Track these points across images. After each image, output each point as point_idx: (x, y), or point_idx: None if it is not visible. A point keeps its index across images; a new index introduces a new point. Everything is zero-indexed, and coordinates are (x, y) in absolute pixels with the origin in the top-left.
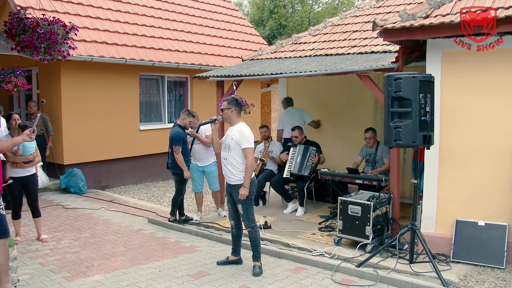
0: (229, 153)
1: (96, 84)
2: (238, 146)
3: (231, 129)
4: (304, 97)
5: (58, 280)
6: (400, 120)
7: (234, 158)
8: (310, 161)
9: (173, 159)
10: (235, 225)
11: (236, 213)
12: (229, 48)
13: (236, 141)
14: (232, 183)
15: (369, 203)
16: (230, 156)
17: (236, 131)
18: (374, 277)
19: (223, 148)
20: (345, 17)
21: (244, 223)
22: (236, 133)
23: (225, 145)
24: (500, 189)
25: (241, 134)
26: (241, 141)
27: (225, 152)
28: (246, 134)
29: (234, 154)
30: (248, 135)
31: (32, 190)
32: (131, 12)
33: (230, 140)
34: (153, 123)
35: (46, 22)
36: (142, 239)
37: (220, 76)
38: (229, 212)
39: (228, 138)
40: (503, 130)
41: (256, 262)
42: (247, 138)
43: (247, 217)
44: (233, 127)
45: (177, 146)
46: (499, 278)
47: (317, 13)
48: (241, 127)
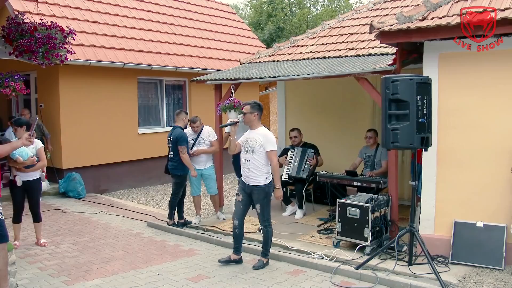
0: (253, 156)
1: (94, 88)
2: (263, 149)
3: (253, 133)
4: (302, 100)
5: (57, 284)
6: (397, 122)
7: (258, 161)
8: (308, 163)
9: (173, 162)
10: (238, 225)
11: (244, 213)
12: (227, 52)
13: (261, 144)
14: (254, 184)
15: (368, 205)
16: (254, 159)
17: (260, 134)
18: (373, 279)
19: (246, 150)
20: (343, 20)
21: (260, 221)
22: (260, 137)
23: (248, 147)
24: (498, 190)
25: (265, 137)
26: (266, 144)
27: (248, 155)
28: (271, 138)
29: (258, 157)
30: (273, 139)
31: (34, 196)
32: (129, 16)
33: (254, 143)
34: (151, 127)
35: (44, 26)
36: (141, 242)
37: (218, 79)
38: (236, 212)
39: (251, 141)
40: (501, 131)
41: (262, 258)
42: (272, 141)
43: (264, 216)
44: (255, 130)
45: (183, 146)
46: (498, 279)
47: (315, 16)
48: (264, 131)
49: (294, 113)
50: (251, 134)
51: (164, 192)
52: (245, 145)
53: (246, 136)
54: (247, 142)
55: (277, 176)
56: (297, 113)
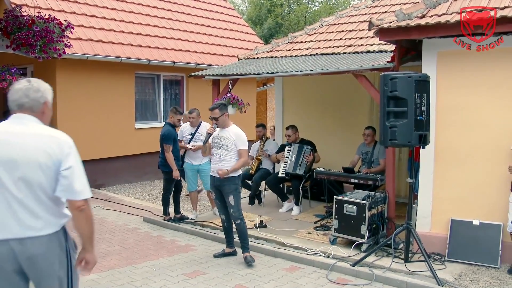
0: (227, 152)
1: (91, 82)
2: (235, 147)
3: (225, 131)
4: (300, 96)
5: None
6: (395, 119)
7: (231, 156)
8: (305, 160)
9: (161, 158)
10: (225, 218)
11: (225, 207)
12: (225, 47)
13: (234, 142)
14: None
15: (365, 203)
16: (227, 154)
17: (233, 133)
18: (370, 276)
19: (219, 147)
20: (341, 17)
21: (234, 214)
22: (233, 135)
23: (221, 145)
24: (495, 189)
25: (238, 136)
26: (238, 143)
27: (222, 150)
28: (242, 137)
29: (231, 152)
30: (244, 138)
31: None
32: (127, 10)
33: (227, 140)
34: (148, 122)
35: (42, 20)
36: (138, 238)
37: (216, 75)
38: (217, 207)
39: (224, 139)
40: (498, 129)
41: (246, 253)
42: (244, 140)
43: (237, 208)
44: (227, 129)
45: (167, 145)
46: (494, 277)
47: (313, 12)
48: (236, 129)
49: (291, 110)
50: (223, 132)
51: (160, 187)
52: (217, 143)
53: (218, 135)
54: (220, 140)
55: (236, 166)
56: (295, 110)
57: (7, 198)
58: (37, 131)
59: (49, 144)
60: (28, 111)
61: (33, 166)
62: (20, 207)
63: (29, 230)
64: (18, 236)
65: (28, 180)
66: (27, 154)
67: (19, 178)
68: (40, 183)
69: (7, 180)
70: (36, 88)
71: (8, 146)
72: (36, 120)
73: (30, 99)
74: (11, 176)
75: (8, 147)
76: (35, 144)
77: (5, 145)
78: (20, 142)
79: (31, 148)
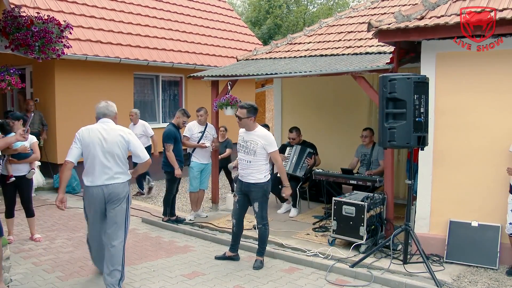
0: (255, 157)
1: (90, 83)
2: (264, 151)
3: (251, 134)
4: (299, 98)
5: (51, 279)
6: (394, 121)
7: (260, 161)
8: (306, 162)
9: (163, 158)
10: (236, 224)
11: (241, 213)
12: (224, 48)
13: (262, 146)
14: (253, 181)
15: (363, 204)
16: (255, 160)
17: (260, 136)
18: (368, 278)
19: (245, 152)
20: (340, 18)
21: (257, 219)
22: (261, 139)
23: (249, 150)
24: (493, 190)
25: (266, 139)
26: (268, 146)
27: (249, 156)
28: (271, 139)
29: (260, 157)
30: (273, 139)
31: (24, 192)
32: (126, 11)
33: (255, 145)
34: (147, 123)
35: (41, 20)
36: (136, 238)
37: (215, 76)
38: (234, 211)
39: (251, 143)
40: (497, 131)
41: (259, 257)
42: (273, 142)
43: (262, 215)
44: (253, 132)
45: (168, 144)
46: (492, 279)
47: (312, 14)
48: (263, 131)
49: (290, 111)
50: (249, 136)
51: (159, 188)
52: (244, 147)
53: (243, 138)
54: (246, 144)
55: (284, 175)
56: (294, 111)
57: (102, 162)
58: (115, 127)
59: (121, 133)
60: (108, 117)
61: (114, 144)
62: (108, 168)
63: (112, 180)
64: (105, 183)
65: (111, 151)
66: (111, 138)
67: (107, 152)
68: (117, 154)
69: (99, 153)
70: (111, 105)
71: (101, 134)
72: (112, 122)
73: (109, 111)
74: (100, 148)
75: (101, 134)
76: (114, 133)
77: (100, 134)
78: (107, 132)
79: (112, 135)
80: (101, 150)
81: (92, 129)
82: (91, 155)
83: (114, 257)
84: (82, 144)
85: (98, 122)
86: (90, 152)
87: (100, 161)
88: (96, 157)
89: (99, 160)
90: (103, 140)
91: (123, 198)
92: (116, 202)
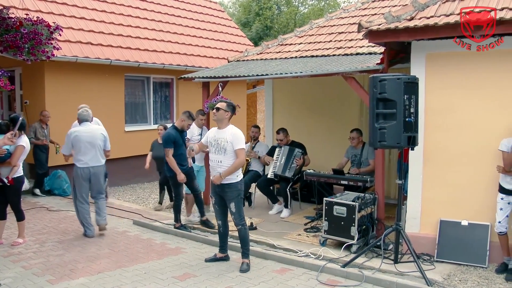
0: (225, 156)
1: (80, 85)
2: (233, 148)
3: (222, 132)
4: (290, 98)
5: (41, 283)
6: (385, 121)
7: (231, 160)
8: (295, 163)
9: (165, 161)
10: (222, 224)
11: (224, 213)
12: (215, 49)
13: (231, 144)
14: (225, 182)
15: (354, 204)
16: (225, 159)
17: (230, 134)
18: (359, 277)
19: (216, 151)
20: (331, 19)
21: (235, 221)
22: (231, 136)
23: (219, 148)
24: (483, 189)
25: (236, 136)
26: (235, 143)
27: (219, 156)
28: (240, 136)
29: (230, 156)
30: (242, 137)
31: (9, 197)
32: (117, 12)
33: (225, 143)
34: (138, 125)
35: (30, 22)
36: (127, 241)
37: (206, 77)
38: (216, 212)
39: (221, 141)
40: (487, 131)
41: (244, 259)
42: (241, 140)
43: (239, 215)
44: (224, 130)
45: (167, 149)
46: (482, 277)
47: (303, 15)
48: (234, 129)
49: (281, 112)
50: (220, 134)
51: (150, 190)
52: (215, 146)
53: (214, 136)
54: (217, 142)
55: (231, 169)
56: (285, 112)
57: (91, 152)
58: (94, 127)
59: (100, 131)
60: (89, 121)
61: (97, 137)
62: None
63: (97, 163)
64: (92, 165)
65: (95, 144)
66: (94, 134)
67: (92, 144)
68: (99, 145)
69: (87, 144)
70: (90, 112)
71: (88, 133)
72: (91, 124)
73: (90, 117)
74: (89, 143)
75: (88, 133)
76: (95, 131)
77: (87, 133)
78: (91, 131)
79: (94, 132)
80: (89, 143)
81: (80, 130)
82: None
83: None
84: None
85: (81, 125)
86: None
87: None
88: (85, 147)
89: (88, 150)
90: (90, 137)
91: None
92: (100, 179)
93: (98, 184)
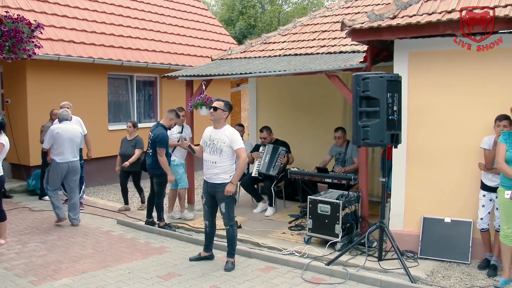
0: (221, 157)
1: (63, 83)
2: (231, 149)
3: (219, 133)
4: (274, 97)
5: (24, 284)
6: (368, 119)
7: (225, 161)
8: (279, 161)
9: (153, 159)
10: (209, 224)
11: (212, 213)
12: (198, 48)
13: (229, 145)
14: (218, 182)
15: (338, 202)
16: (221, 160)
17: (227, 134)
18: (344, 275)
19: (211, 151)
20: (314, 17)
21: (224, 221)
22: (228, 137)
23: (215, 149)
24: (466, 187)
25: (233, 137)
26: (234, 144)
27: (214, 156)
28: (237, 136)
29: (226, 157)
30: (240, 138)
31: None
32: (99, 10)
33: (222, 143)
34: (122, 123)
35: (10, 19)
36: (111, 240)
37: (190, 75)
38: (204, 213)
39: (218, 141)
40: (469, 128)
41: (229, 258)
42: (239, 140)
43: (229, 215)
44: (221, 130)
45: (161, 148)
46: (464, 273)
47: (287, 13)
48: (231, 130)
49: (265, 110)
50: (216, 134)
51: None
52: (211, 146)
53: (210, 136)
54: (213, 143)
55: (238, 172)
56: (269, 110)
57: (70, 148)
58: (74, 126)
59: (78, 129)
60: (68, 120)
61: (76, 135)
62: (72, 151)
63: (74, 158)
64: (71, 160)
65: (74, 141)
66: (73, 132)
67: (71, 140)
68: (77, 142)
69: (67, 141)
70: (70, 112)
71: (68, 131)
72: (71, 122)
73: (69, 116)
74: (69, 140)
75: (68, 131)
76: (75, 129)
77: (67, 130)
78: (71, 128)
79: (74, 130)
80: (69, 140)
81: (61, 127)
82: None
83: (75, 204)
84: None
85: (61, 123)
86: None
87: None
88: (66, 143)
89: (68, 145)
90: (70, 134)
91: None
92: (76, 173)
93: (75, 179)
